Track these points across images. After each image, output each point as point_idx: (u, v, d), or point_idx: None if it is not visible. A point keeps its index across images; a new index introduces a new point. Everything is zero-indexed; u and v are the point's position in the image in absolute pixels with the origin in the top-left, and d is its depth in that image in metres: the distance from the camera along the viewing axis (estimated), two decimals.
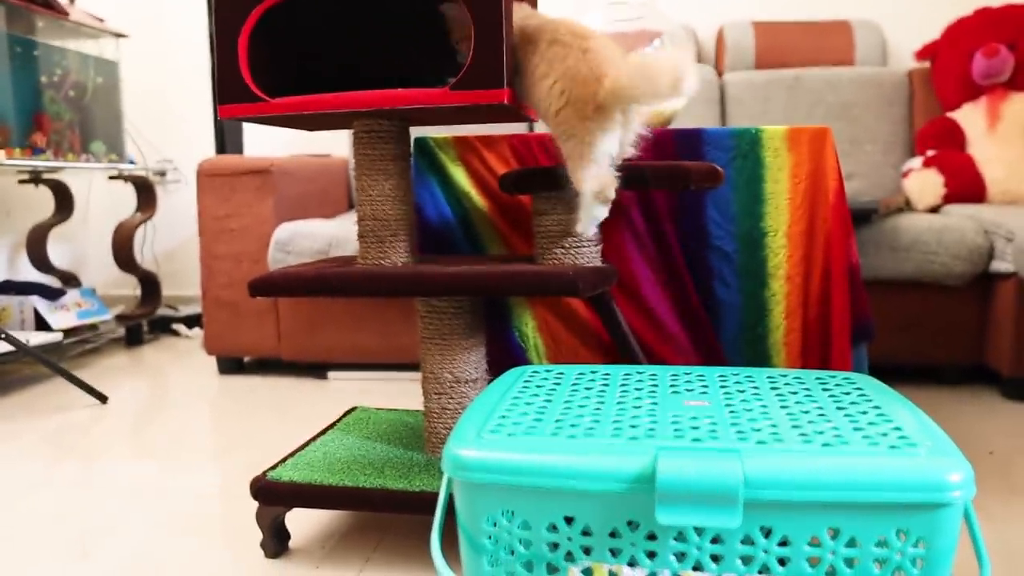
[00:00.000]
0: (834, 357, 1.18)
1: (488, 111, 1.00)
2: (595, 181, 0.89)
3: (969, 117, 2.10)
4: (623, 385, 0.79)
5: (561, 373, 0.85)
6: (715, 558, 0.60)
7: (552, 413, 0.70)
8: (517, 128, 2.31)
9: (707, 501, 0.57)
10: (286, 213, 2.10)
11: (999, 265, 1.73)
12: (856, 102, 2.35)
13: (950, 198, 2.03)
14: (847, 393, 0.76)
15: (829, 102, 2.36)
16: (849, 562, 0.58)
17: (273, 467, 1.06)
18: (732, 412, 0.70)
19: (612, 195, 0.90)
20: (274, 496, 1.02)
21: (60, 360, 2.25)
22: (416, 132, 1.22)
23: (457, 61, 1.02)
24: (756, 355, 1.24)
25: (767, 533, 0.59)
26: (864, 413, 0.69)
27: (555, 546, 0.61)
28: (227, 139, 2.48)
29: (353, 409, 1.34)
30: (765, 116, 2.40)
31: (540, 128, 1.29)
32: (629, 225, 1.22)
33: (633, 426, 0.65)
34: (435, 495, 0.97)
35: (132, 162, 2.68)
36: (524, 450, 0.61)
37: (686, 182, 1.08)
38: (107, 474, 1.40)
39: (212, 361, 2.29)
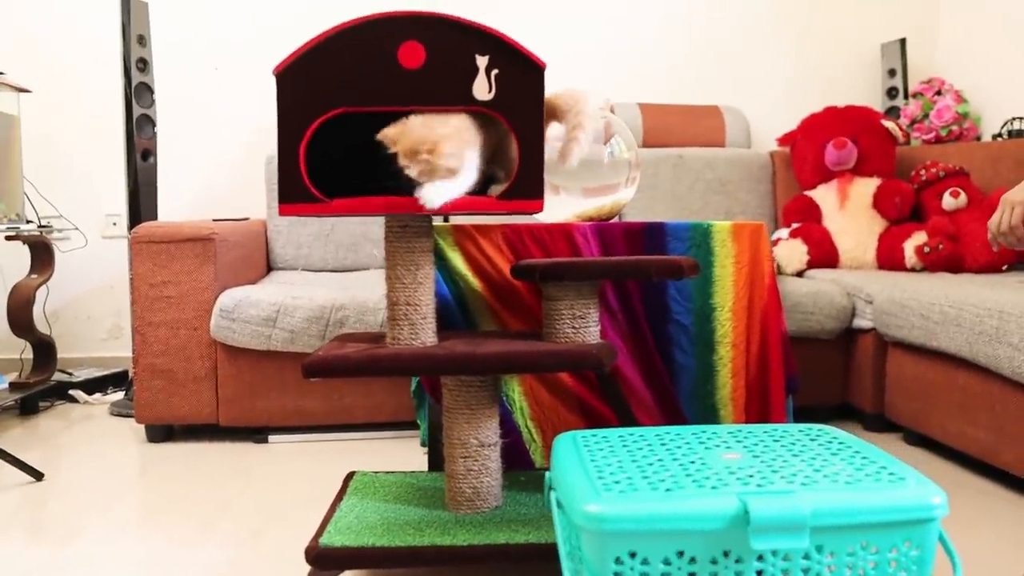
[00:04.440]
0: (773, 408, 1.45)
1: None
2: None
3: (823, 196, 2.54)
4: (664, 445, 0.99)
5: (605, 437, 1.03)
6: (784, 572, 0.80)
7: (635, 471, 0.88)
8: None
9: (786, 530, 0.78)
10: (223, 280, 2.14)
11: (860, 322, 2.12)
12: (730, 179, 2.74)
13: (812, 264, 2.43)
14: (830, 442, 1.00)
15: (708, 178, 2.74)
16: (871, 565, 0.81)
17: (318, 534, 1.15)
18: (763, 462, 0.92)
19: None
20: (330, 561, 1.11)
21: None
22: None
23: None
24: (707, 409, 1.48)
25: (820, 549, 0.80)
26: (852, 456, 0.94)
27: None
28: (142, 199, 2.46)
29: (352, 474, 1.44)
30: (654, 189, 2.73)
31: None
32: (606, 305, 1.43)
33: (706, 477, 0.85)
34: (481, 547, 1.12)
35: (29, 221, 2.57)
36: (643, 503, 0.79)
37: (648, 275, 1.24)
38: (102, 556, 1.40)
39: (127, 428, 2.25)
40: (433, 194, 1.07)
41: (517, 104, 1.09)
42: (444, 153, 1.04)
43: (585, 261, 1.20)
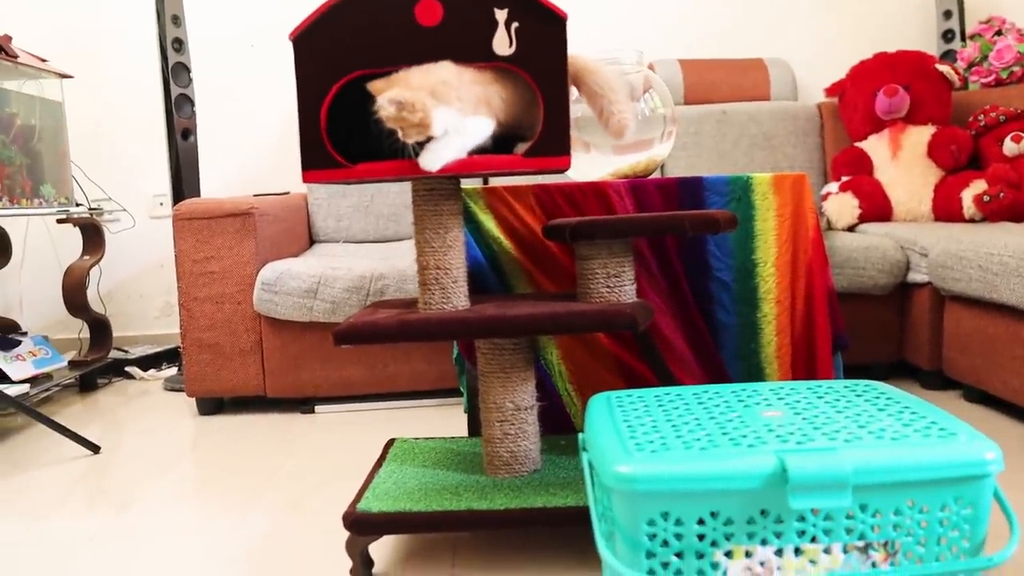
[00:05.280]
0: (819, 366, 1.40)
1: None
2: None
3: (875, 147, 2.43)
4: (702, 404, 0.96)
5: (641, 397, 1.00)
6: (826, 531, 0.77)
7: (669, 430, 0.85)
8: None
9: (826, 488, 0.74)
10: (265, 254, 2.16)
11: (915, 276, 2.03)
12: (776, 133, 2.64)
13: (864, 218, 2.33)
14: (876, 398, 0.96)
15: (752, 133, 2.65)
16: (922, 524, 0.77)
17: (356, 500, 1.16)
18: (804, 419, 0.88)
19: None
20: (367, 526, 1.11)
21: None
22: None
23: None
24: (751, 368, 1.44)
25: (864, 508, 0.77)
26: (901, 412, 0.89)
27: (701, 536, 0.77)
28: (184, 178, 2.49)
29: (392, 441, 1.45)
30: (698, 146, 2.65)
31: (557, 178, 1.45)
32: (643, 264, 1.39)
33: (743, 435, 0.82)
34: (518, 511, 1.10)
35: (79, 204, 2.63)
36: (675, 462, 0.77)
37: (683, 230, 1.17)
38: (156, 524, 1.44)
39: (180, 402, 2.30)
40: (431, 157, 1.04)
41: (539, 58, 1.05)
42: (385, 105, 1.00)
43: (615, 218, 1.17)
